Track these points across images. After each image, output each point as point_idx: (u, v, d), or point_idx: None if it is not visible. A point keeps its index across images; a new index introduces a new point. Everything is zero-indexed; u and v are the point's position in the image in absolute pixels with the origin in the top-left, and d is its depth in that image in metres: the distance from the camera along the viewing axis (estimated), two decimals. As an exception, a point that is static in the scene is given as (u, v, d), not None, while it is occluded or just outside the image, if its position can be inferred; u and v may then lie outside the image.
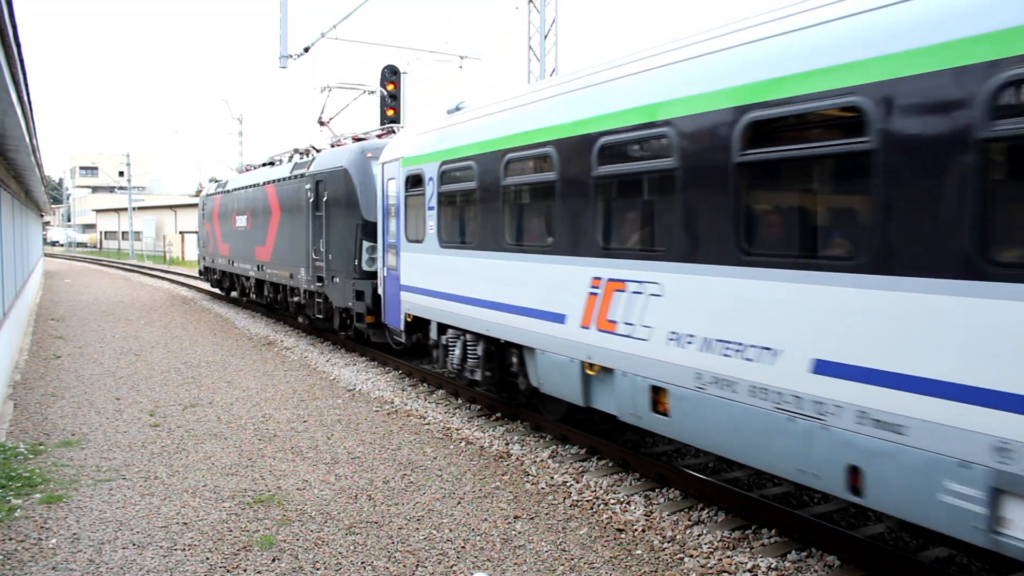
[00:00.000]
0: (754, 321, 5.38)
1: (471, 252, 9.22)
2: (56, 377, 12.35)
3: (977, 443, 4.09)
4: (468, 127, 9.36)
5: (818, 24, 5.03)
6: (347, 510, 6.68)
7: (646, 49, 6.75)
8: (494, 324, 8.76)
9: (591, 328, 7.10)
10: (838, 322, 4.80)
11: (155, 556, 5.71)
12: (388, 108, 18.70)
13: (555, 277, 7.63)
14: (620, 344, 6.71)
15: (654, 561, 5.76)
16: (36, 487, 7.12)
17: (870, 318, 4.62)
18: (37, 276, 29.96)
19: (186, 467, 7.82)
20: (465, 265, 9.36)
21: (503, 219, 8.56)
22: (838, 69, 4.79)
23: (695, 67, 5.99)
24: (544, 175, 7.80)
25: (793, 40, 5.18)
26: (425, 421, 9.82)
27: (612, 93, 6.90)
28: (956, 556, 5.72)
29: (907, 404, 4.42)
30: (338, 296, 14.04)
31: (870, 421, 4.62)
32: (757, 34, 5.50)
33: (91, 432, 9.09)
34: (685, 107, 5.95)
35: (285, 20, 19.53)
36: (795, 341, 5.08)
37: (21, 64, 7.23)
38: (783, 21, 5.34)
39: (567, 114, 7.44)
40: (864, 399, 4.65)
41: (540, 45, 20.00)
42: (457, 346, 9.80)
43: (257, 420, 9.73)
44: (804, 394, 5.01)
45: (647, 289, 6.38)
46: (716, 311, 5.72)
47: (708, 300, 5.78)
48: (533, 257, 8.00)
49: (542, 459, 8.20)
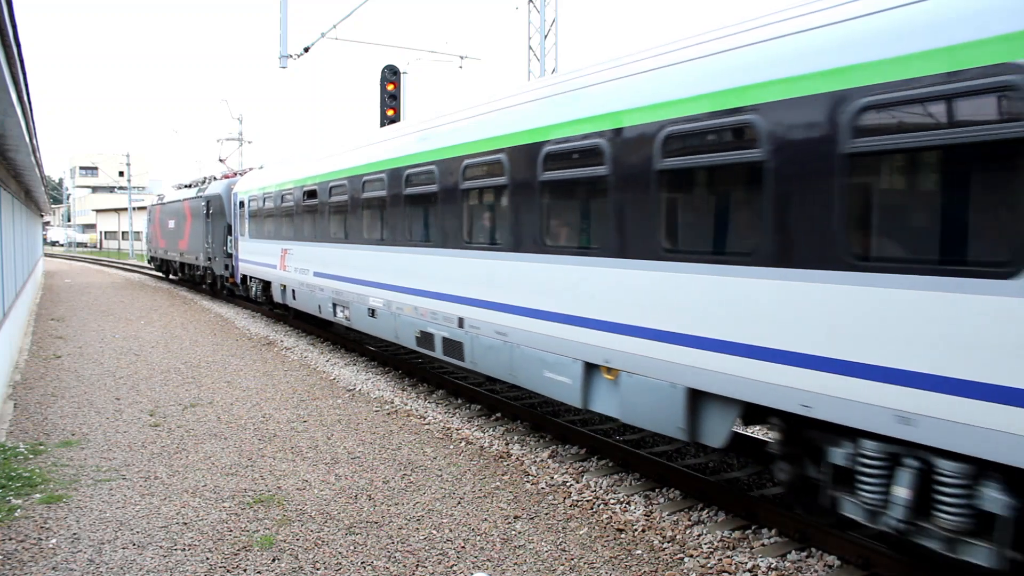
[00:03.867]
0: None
1: (264, 240, 18.01)
2: (56, 377, 12.35)
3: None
4: (257, 178, 19.00)
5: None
6: (347, 510, 6.68)
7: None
8: (265, 272, 17.96)
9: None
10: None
11: (155, 556, 5.71)
12: (388, 108, 18.71)
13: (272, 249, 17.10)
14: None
15: (654, 561, 5.76)
16: (36, 487, 7.12)
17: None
18: (37, 276, 29.96)
19: (186, 467, 7.81)
20: (261, 246, 18.25)
21: (268, 223, 17.60)
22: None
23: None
24: (282, 204, 16.51)
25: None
26: (425, 421, 9.82)
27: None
28: (956, 556, 5.71)
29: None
30: (218, 268, 23.81)
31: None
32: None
33: (91, 432, 9.09)
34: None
35: (285, 20, 19.55)
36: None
37: (21, 64, 7.23)
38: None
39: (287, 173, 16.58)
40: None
41: (540, 45, 20.00)
42: (254, 286, 19.59)
43: (257, 420, 9.73)
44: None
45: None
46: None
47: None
48: (285, 241, 16.15)
49: (542, 459, 8.20)
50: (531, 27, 20.28)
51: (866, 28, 4.78)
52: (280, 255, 16.43)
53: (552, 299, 7.47)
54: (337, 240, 13.17)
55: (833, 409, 4.88)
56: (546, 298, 7.55)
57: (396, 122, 17.99)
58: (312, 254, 14.44)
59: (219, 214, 23.09)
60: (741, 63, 5.52)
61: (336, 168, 13.19)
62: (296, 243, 15.40)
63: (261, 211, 18.15)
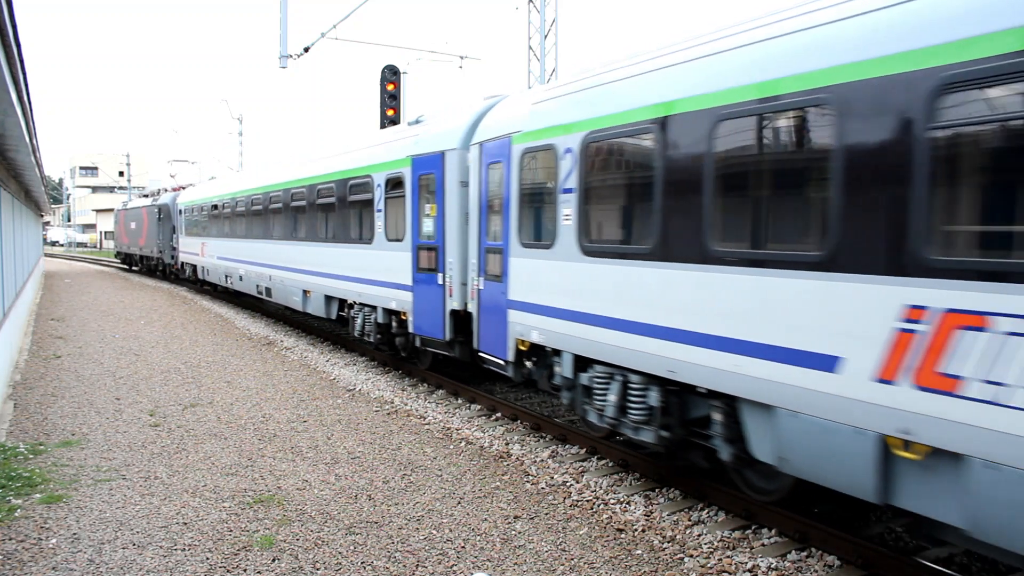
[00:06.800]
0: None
1: (192, 237, 26.21)
2: (56, 377, 12.35)
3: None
4: (189, 193, 28.01)
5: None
6: (347, 510, 6.68)
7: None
8: (193, 259, 26.42)
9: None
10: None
11: (155, 556, 5.71)
12: (388, 108, 18.72)
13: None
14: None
15: (654, 561, 5.76)
16: (36, 487, 7.12)
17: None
18: (37, 276, 29.96)
19: (186, 467, 7.81)
20: (191, 241, 26.48)
21: (195, 226, 25.75)
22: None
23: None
24: (202, 212, 25.05)
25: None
26: (425, 421, 9.82)
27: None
28: (956, 556, 5.72)
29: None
30: (167, 258, 31.62)
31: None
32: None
33: (91, 432, 9.09)
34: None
35: (285, 20, 19.55)
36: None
37: (21, 64, 7.22)
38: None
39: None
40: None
41: (540, 45, 20.00)
42: (187, 269, 26.41)
43: (257, 420, 9.73)
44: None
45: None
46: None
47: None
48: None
49: (542, 459, 8.20)
50: (531, 27, 20.28)
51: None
52: (200, 247, 25.11)
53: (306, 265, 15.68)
54: (225, 236, 21.98)
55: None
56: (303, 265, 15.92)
57: (396, 123, 18.15)
58: (215, 245, 23.17)
59: (167, 218, 31.32)
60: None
61: (220, 193, 22.71)
62: (208, 238, 24.03)
63: (191, 217, 26.52)
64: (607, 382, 7.18)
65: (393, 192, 11.65)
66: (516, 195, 8.48)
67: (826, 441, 4.92)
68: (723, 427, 5.99)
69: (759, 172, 5.45)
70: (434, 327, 10.59)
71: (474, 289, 9.59)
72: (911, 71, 4.40)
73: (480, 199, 9.40)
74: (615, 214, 7.05)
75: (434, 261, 10.53)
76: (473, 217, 9.61)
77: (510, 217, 8.60)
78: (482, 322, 9.42)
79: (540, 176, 8.06)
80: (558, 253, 7.66)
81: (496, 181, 8.99)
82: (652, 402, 6.64)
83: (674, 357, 6.19)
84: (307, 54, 19.76)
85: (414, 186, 11.00)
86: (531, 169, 8.22)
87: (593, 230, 7.22)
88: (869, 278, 4.63)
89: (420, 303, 10.93)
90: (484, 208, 9.30)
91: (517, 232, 8.46)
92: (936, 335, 4.27)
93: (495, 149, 8.96)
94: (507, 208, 8.68)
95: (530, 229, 8.28)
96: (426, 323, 10.81)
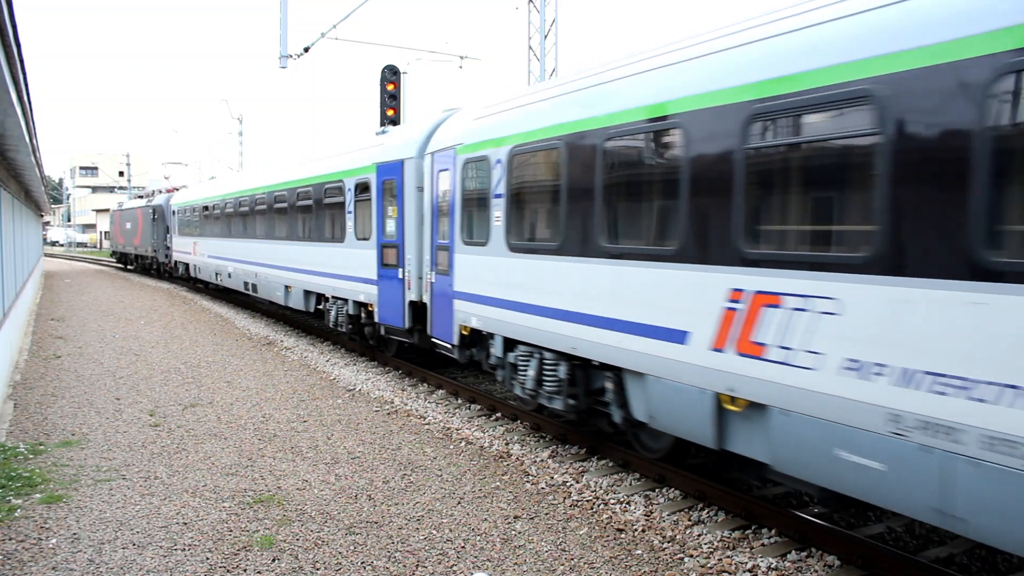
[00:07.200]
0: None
1: (185, 237, 27.06)
2: (56, 377, 12.35)
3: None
4: (182, 195, 28.79)
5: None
6: (347, 510, 6.68)
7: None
8: (186, 257, 27.20)
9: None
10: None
11: (155, 556, 5.71)
12: (388, 108, 18.70)
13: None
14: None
15: (654, 561, 5.76)
16: (36, 487, 7.12)
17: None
18: (37, 276, 29.96)
19: (186, 467, 7.81)
20: (184, 240, 27.41)
21: (188, 226, 26.69)
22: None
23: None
24: (194, 213, 26.05)
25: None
26: (425, 421, 9.82)
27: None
28: (956, 556, 5.72)
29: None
30: (160, 257, 32.33)
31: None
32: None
33: (91, 432, 9.09)
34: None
35: (285, 20, 19.55)
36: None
37: (21, 64, 7.23)
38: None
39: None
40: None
41: (540, 45, 20.01)
42: (180, 268, 27.55)
43: (257, 420, 9.73)
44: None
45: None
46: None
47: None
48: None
49: (542, 459, 8.20)
50: (531, 27, 20.29)
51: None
52: (192, 246, 26.13)
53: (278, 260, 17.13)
54: (215, 236, 23.09)
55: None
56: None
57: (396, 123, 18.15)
58: (206, 244, 24.22)
59: (161, 219, 32.05)
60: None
61: (211, 195, 23.92)
62: (200, 238, 25.21)
63: (184, 218, 27.49)
64: (528, 359, 8.37)
65: (362, 195, 12.87)
66: (460, 199, 9.63)
67: (680, 400, 6.16)
68: (614, 394, 7.20)
69: (629, 184, 6.73)
70: (396, 317, 11.62)
71: (428, 282, 10.76)
72: (733, 103, 5.51)
73: (432, 202, 10.61)
74: (532, 216, 8.32)
75: (395, 258, 11.62)
76: (427, 218, 10.79)
77: (455, 218, 9.78)
78: (434, 311, 10.57)
79: (478, 183, 9.21)
80: (491, 250, 8.85)
81: (445, 187, 10.23)
82: (561, 375, 7.82)
83: (575, 336, 7.42)
84: (307, 54, 19.78)
85: (379, 190, 12.08)
86: (471, 177, 9.39)
87: (516, 229, 8.43)
88: (707, 267, 5.80)
89: (384, 295, 11.96)
90: (435, 210, 10.51)
91: (460, 231, 9.63)
92: (750, 312, 5.44)
93: (444, 158, 10.17)
94: (453, 211, 9.84)
95: (471, 229, 9.42)
96: (389, 313, 11.91)
